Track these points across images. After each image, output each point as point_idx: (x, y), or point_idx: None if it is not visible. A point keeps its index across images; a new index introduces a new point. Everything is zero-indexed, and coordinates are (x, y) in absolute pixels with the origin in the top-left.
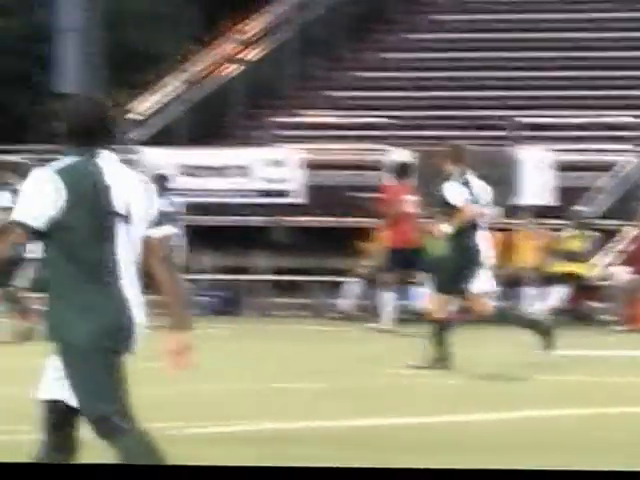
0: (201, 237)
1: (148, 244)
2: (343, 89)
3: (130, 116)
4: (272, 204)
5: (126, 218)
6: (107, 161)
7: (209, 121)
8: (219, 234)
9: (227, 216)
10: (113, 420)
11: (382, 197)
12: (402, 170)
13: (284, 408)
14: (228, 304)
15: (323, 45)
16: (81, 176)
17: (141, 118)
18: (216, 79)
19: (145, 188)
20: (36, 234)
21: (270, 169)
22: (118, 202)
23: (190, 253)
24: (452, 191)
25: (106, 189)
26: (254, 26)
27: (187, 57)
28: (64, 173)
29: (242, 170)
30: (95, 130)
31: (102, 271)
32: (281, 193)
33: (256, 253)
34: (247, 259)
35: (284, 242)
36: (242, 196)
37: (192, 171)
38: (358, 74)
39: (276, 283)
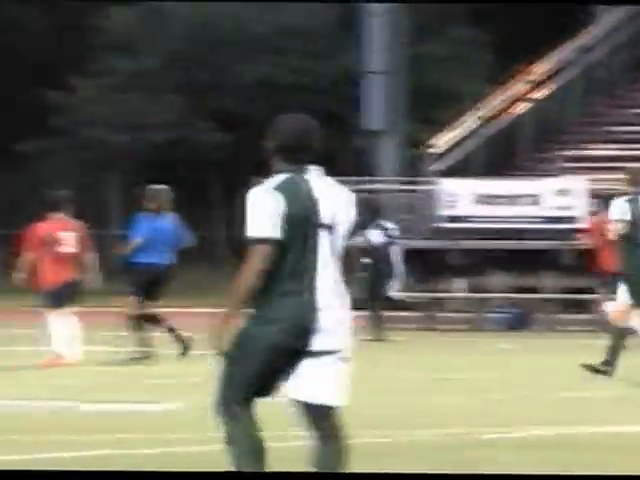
0: (495, 259)
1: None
2: (621, 124)
3: (430, 150)
4: (559, 229)
5: (331, 228)
6: (314, 176)
7: (501, 154)
8: (512, 257)
9: (519, 240)
10: (235, 409)
11: (587, 228)
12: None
13: (576, 415)
14: (520, 320)
15: (603, 84)
16: (294, 191)
17: (440, 152)
18: (507, 116)
19: (347, 200)
20: (278, 243)
21: (558, 198)
22: (325, 214)
23: (485, 274)
24: (612, 208)
25: (315, 202)
26: (542, 68)
27: (482, 96)
28: (281, 188)
29: (532, 198)
30: (303, 147)
31: (304, 276)
32: (567, 219)
33: (544, 274)
34: (536, 279)
35: (570, 264)
36: (532, 222)
37: (487, 200)
38: (634, 111)
39: (563, 300)
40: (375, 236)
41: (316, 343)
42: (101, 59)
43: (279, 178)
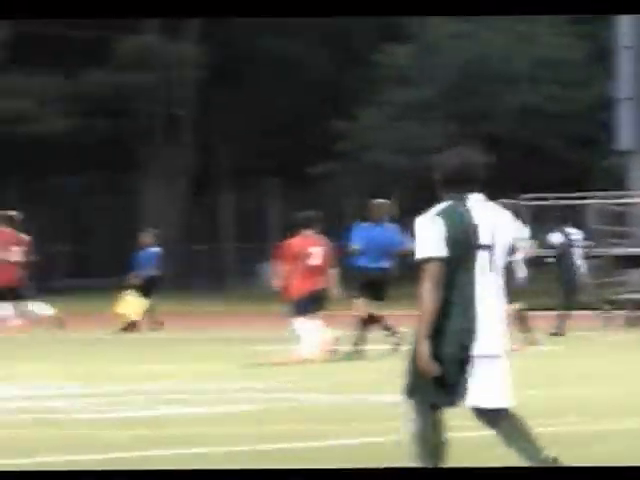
0: None
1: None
2: None
3: None
4: None
5: (489, 248)
6: (475, 203)
7: None
8: None
9: None
10: (420, 413)
11: None
12: None
13: None
14: None
15: None
16: (455, 217)
17: None
18: None
19: (505, 222)
20: (444, 261)
21: None
22: (483, 236)
23: None
24: None
25: (474, 227)
26: None
27: None
28: (443, 215)
29: None
30: (465, 179)
31: (466, 292)
32: None
33: None
34: None
35: None
36: None
37: None
38: None
39: None
40: (555, 238)
41: (480, 349)
42: (381, 91)
43: (442, 205)
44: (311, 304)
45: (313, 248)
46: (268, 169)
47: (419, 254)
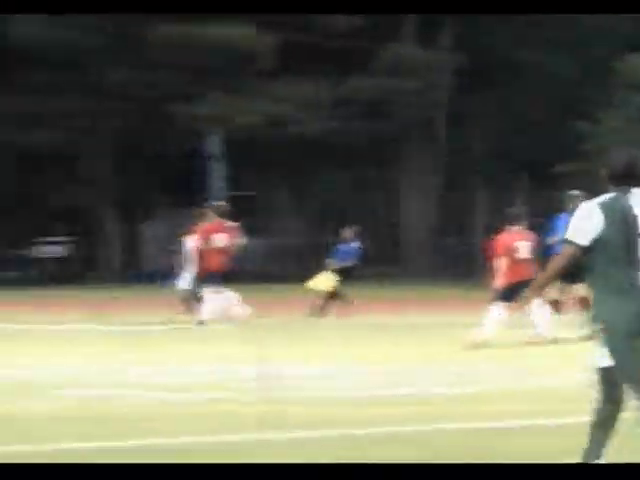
0: None
1: None
2: None
3: None
4: None
5: None
6: (637, 197)
7: None
8: None
9: None
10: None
11: None
12: None
13: None
14: None
15: None
16: (615, 208)
17: None
18: None
19: None
20: (584, 249)
21: None
22: None
23: None
24: None
25: (633, 217)
26: None
27: None
28: (603, 205)
29: None
30: (629, 175)
31: (629, 274)
32: None
33: None
34: None
35: None
36: None
37: None
38: None
39: None
40: None
41: None
42: (621, 96)
43: (605, 196)
44: (514, 294)
45: (520, 242)
46: (516, 168)
47: (566, 233)
